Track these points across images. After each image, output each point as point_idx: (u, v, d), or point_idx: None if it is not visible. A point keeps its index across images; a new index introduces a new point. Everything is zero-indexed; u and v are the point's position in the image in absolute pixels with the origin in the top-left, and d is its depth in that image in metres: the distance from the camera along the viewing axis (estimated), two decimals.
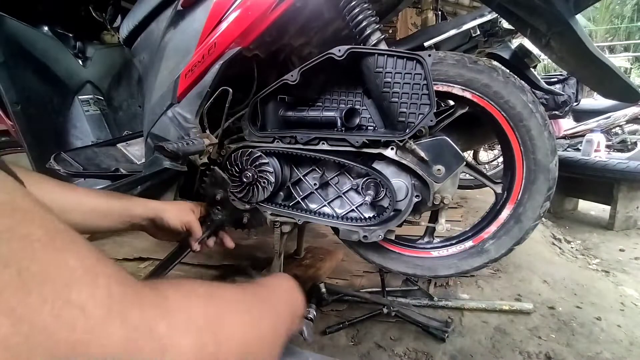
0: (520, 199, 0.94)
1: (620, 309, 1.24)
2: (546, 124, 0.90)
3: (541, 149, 0.90)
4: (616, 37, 10.82)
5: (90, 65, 1.48)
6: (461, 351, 0.98)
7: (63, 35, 1.43)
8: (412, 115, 0.85)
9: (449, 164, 0.86)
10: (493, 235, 0.98)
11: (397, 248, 1.07)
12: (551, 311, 1.18)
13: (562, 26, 0.81)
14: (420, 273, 1.10)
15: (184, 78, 0.90)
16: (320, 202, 0.98)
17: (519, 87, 0.89)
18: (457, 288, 1.29)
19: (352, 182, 0.95)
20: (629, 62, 9.12)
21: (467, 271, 1.06)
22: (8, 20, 1.21)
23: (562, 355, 0.97)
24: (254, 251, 1.63)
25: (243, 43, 0.85)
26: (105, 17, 1.43)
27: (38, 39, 1.31)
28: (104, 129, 1.46)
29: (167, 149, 0.81)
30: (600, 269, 1.77)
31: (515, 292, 1.28)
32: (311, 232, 1.75)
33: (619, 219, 2.35)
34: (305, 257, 1.47)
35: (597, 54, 0.83)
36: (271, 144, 0.94)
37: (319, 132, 0.90)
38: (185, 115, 0.91)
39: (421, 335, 1.04)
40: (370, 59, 0.85)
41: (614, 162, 2.31)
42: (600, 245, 2.17)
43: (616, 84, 0.91)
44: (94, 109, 1.45)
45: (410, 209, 0.89)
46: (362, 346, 1.00)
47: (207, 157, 0.95)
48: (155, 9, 0.98)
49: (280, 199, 1.01)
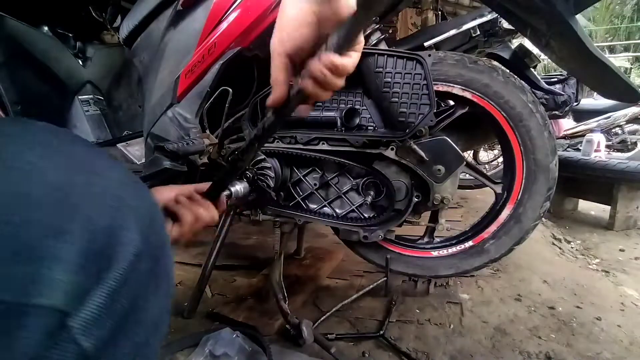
0: (520, 199, 0.94)
1: (620, 309, 1.24)
2: (546, 124, 0.90)
3: (541, 149, 0.90)
4: (616, 37, 10.82)
5: (90, 65, 1.48)
6: (461, 351, 0.98)
7: (63, 35, 1.43)
8: (412, 115, 0.86)
9: (449, 164, 0.86)
10: (493, 235, 0.98)
11: (397, 248, 1.07)
12: (551, 311, 1.18)
13: (562, 26, 0.81)
14: (420, 273, 1.10)
15: (184, 78, 0.90)
16: (320, 202, 0.98)
17: (519, 87, 0.89)
18: (457, 288, 1.29)
19: (352, 182, 0.95)
20: (629, 62, 9.12)
21: (467, 271, 1.06)
22: (8, 20, 1.21)
23: (562, 355, 0.97)
24: (254, 251, 1.63)
25: (243, 43, 0.85)
26: (105, 17, 1.43)
27: (38, 39, 1.31)
28: (104, 129, 1.47)
29: (167, 149, 0.81)
30: (600, 269, 1.77)
31: (515, 292, 1.28)
32: (311, 232, 1.75)
33: (619, 219, 2.34)
34: (305, 257, 1.47)
35: (597, 54, 0.83)
36: (271, 144, 0.94)
37: (319, 132, 0.90)
38: (185, 115, 0.91)
39: (421, 335, 1.04)
40: (370, 59, 0.85)
41: (614, 162, 2.31)
42: (600, 245, 2.17)
43: (616, 84, 0.91)
44: (94, 109, 1.46)
45: (410, 209, 0.89)
46: (362, 346, 1.00)
47: (207, 157, 0.95)
48: (155, 9, 0.99)
49: (281, 199, 1.01)
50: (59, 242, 0.22)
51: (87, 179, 0.26)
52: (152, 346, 0.29)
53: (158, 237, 0.29)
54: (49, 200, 0.23)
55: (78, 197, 0.24)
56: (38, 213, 0.22)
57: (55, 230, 0.23)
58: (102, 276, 0.24)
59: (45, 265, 0.22)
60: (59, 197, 0.23)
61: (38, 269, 0.21)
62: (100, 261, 0.24)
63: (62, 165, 0.25)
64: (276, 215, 1.01)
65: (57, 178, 0.24)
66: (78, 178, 0.25)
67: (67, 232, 0.23)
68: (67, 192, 0.24)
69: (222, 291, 1.28)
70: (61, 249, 0.22)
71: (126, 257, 0.25)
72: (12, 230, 0.21)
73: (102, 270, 0.24)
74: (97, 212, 0.25)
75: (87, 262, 0.23)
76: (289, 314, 0.99)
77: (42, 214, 0.23)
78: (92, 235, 0.24)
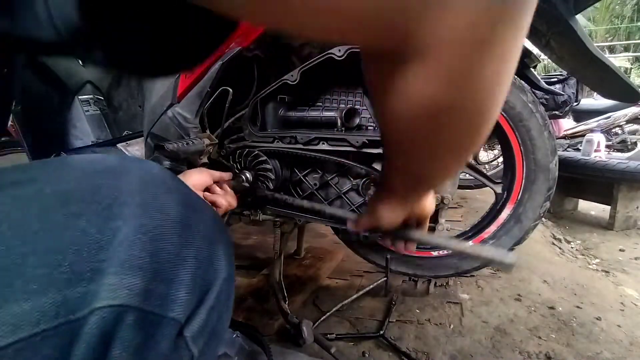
0: (520, 199, 0.94)
1: (620, 309, 1.24)
2: (546, 124, 0.90)
3: (541, 149, 0.90)
4: (616, 37, 10.81)
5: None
6: (461, 351, 0.98)
7: None
8: None
9: None
10: (493, 235, 0.98)
11: None
12: (551, 311, 1.18)
13: (562, 26, 0.81)
14: (420, 273, 1.10)
15: (184, 78, 0.90)
16: (320, 203, 0.98)
17: (519, 87, 0.89)
18: (457, 288, 1.29)
19: (352, 182, 0.95)
20: (629, 62, 9.11)
21: (467, 271, 1.06)
22: None
23: (562, 355, 0.97)
24: (254, 251, 1.63)
25: (243, 43, 0.85)
26: None
27: None
28: (104, 129, 1.46)
29: (167, 148, 0.81)
30: (600, 269, 1.77)
31: (515, 292, 1.28)
32: (311, 232, 1.75)
33: (619, 219, 2.34)
34: (305, 257, 1.47)
35: (597, 54, 0.83)
36: (271, 144, 0.94)
37: (319, 132, 0.90)
38: (185, 115, 0.91)
39: (421, 335, 1.04)
40: None
41: (614, 162, 2.31)
42: (600, 245, 2.17)
43: (616, 84, 0.91)
44: (94, 109, 1.45)
45: None
46: (362, 346, 1.00)
47: (207, 157, 0.95)
48: None
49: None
50: (181, 268, 0.28)
51: (197, 215, 0.32)
52: (215, 353, 0.35)
53: (233, 262, 0.35)
54: (176, 232, 0.29)
55: (193, 231, 0.30)
56: (169, 243, 0.28)
57: (180, 258, 0.28)
58: (204, 296, 0.30)
59: (174, 286, 0.27)
60: (181, 232, 0.29)
61: (170, 289, 0.27)
62: (203, 284, 0.30)
63: (180, 202, 0.31)
64: (276, 215, 1.01)
65: (177, 215, 0.30)
66: (192, 215, 0.31)
67: (186, 259, 0.29)
68: (185, 227, 0.30)
69: None
70: (182, 273, 0.28)
71: (219, 281, 0.32)
72: (155, 256, 0.27)
73: (204, 291, 0.30)
74: (203, 243, 0.31)
75: (195, 284, 0.29)
76: (289, 314, 0.99)
77: (172, 245, 0.28)
78: (200, 262, 0.30)
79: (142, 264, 0.26)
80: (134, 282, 0.25)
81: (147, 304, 0.25)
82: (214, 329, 0.31)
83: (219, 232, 0.34)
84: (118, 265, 0.25)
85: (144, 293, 0.25)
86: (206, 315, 0.30)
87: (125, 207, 0.27)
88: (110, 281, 0.24)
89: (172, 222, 0.29)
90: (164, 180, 0.31)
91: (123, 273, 0.25)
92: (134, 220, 0.27)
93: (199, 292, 0.29)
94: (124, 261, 0.25)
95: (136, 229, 0.26)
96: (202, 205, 0.34)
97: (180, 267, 0.28)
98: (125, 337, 0.24)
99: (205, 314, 0.30)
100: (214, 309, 0.31)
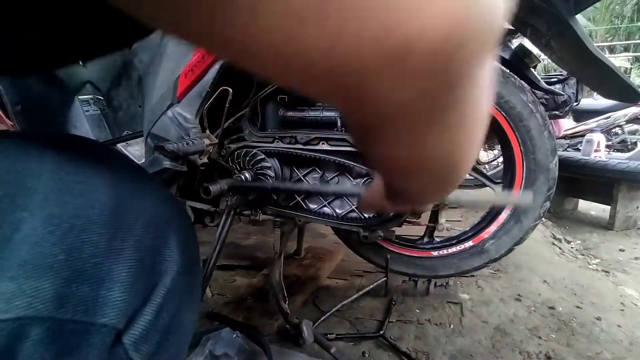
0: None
1: (620, 309, 1.24)
2: (546, 124, 0.90)
3: (541, 149, 0.90)
4: (616, 37, 10.81)
5: (90, 65, 1.48)
6: (461, 351, 0.98)
7: None
8: None
9: None
10: (493, 235, 0.98)
11: (397, 248, 1.07)
12: (551, 311, 1.18)
13: (562, 26, 0.81)
14: (420, 273, 1.10)
15: (184, 78, 0.90)
16: (320, 202, 0.98)
17: (519, 87, 0.89)
18: (457, 288, 1.29)
19: (352, 182, 0.95)
20: (629, 62, 9.10)
21: (467, 271, 1.06)
22: None
23: (562, 355, 0.97)
24: (254, 251, 1.63)
25: None
26: None
27: None
28: (104, 129, 1.46)
29: (167, 149, 0.81)
30: (600, 269, 1.77)
31: (515, 292, 1.28)
32: (311, 232, 1.75)
33: (619, 219, 2.34)
34: (305, 257, 1.47)
35: (597, 54, 0.83)
36: (271, 144, 0.94)
37: (319, 132, 0.90)
38: (185, 115, 0.91)
39: (421, 335, 1.04)
40: None
41: (614, 162, 2.31)
42: (600, 245, 2.17)
43: (616, 84, 0.91)
44: (94, 109, 1.45)
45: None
46: (362, 346, 1.00)
47: (207, 157, 0.95)
48: None
49: (281, 199, 1.01)
50: (115, 263, 0.24)
51: (137, 199, 0.27)
52: (182, 355, 0.30)
53: (192, 251, 0.30)
54: (105, 221, 0.24)
55: (130, 218, 0.25)
56: (96, 234, 0.23)
57: (112, 252, 0.24)
58: (149, 294, 0.26)
59: (105, 286, 0.23)
60: (113, 219, 0.24)
61: (99, 290, 0.23)
62: (148, 279, 0.26)
63: (113, 182, 0.26)
64: (276, 215, 1.01)
65: (110, 199, 0.25)
66: (129, 199, 0.26)
67: (122, 253, 0.24)
68: (120, 213, 0.25)
69: (222, 291, 1.28)
70: (117, 269, 0.24)
71: (169, 274, 0.27)
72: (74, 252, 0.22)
73: (149, 288, 0.26)
74: (146, 232, 0.26)
75: (137, 281, 0.24)
76: (289, 314, 0.99)
77: (99, 236, 0.23)
78: (141, 254, 0.25)
79: (52, 264, 0.21)
80: (40, 287, 0.20)
81: (64, 312, 0.21)
82: (168, 329, 0.27)
83: (171, 215, 0.29)
84: (17, 267, 0.20)
85: (58, 299, 0.21)
86: (153, 315, 0.25)
87: (34, 194, 0.22)
88: (3, 289, 0.20)
89: (98, 208, 0.24)
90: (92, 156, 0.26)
91: (24, 277, 0.20)
92: (43, 210, 0.22)
93: (141, 289, 0.25)
94: (25, 262, 0.20)
95: (45, 220, 0.22)
96: (146, 184, 0.29)
97: (112, 262, 0.23)
98: (31, 356, 0.20)
99: (151, 314, 0.25)
100: (163, 308, 0.26)
